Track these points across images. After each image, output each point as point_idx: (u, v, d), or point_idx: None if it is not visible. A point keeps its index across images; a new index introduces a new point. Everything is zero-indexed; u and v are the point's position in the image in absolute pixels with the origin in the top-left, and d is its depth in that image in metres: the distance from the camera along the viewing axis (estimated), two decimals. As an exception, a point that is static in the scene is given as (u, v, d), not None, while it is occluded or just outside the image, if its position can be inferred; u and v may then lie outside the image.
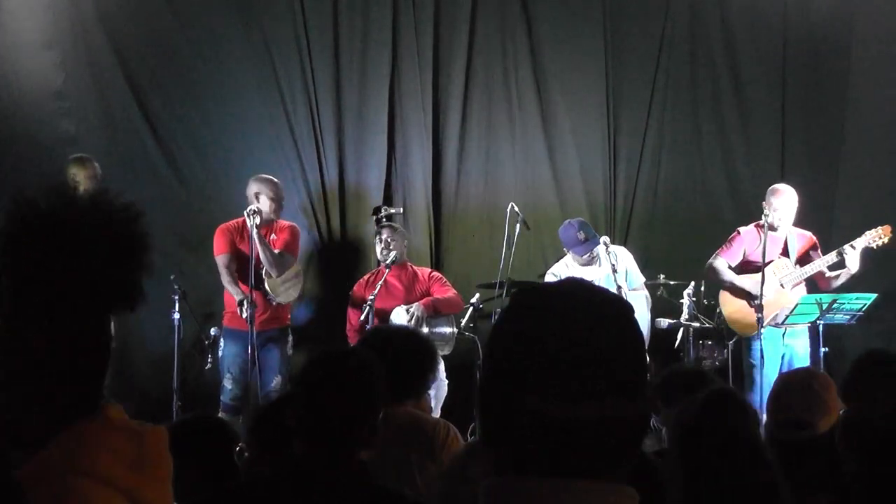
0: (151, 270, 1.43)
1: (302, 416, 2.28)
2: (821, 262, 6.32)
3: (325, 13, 7.64)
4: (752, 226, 6.54)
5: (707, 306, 6.97)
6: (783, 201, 6.37)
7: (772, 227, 6.34)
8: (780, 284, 6.39)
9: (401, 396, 3.34)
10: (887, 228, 6.23)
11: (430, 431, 3.29)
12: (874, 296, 6.15)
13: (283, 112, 7.59)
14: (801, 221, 6.60)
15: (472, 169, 7.94)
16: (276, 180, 6.60)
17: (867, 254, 6.30)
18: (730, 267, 6.55)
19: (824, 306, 6.08)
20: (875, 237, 6.22)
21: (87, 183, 6.22)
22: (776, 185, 6.54)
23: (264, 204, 6.38)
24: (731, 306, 6.55)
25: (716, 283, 6.67)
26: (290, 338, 6.52)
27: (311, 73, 7.60)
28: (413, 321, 6.44)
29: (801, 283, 6.42)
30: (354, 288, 6.79)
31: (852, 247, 6.21)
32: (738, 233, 6.57)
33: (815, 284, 6.46)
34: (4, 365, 1.34)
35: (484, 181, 7.94)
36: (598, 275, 6.54)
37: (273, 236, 6.46)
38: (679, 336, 6.90)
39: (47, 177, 6.69)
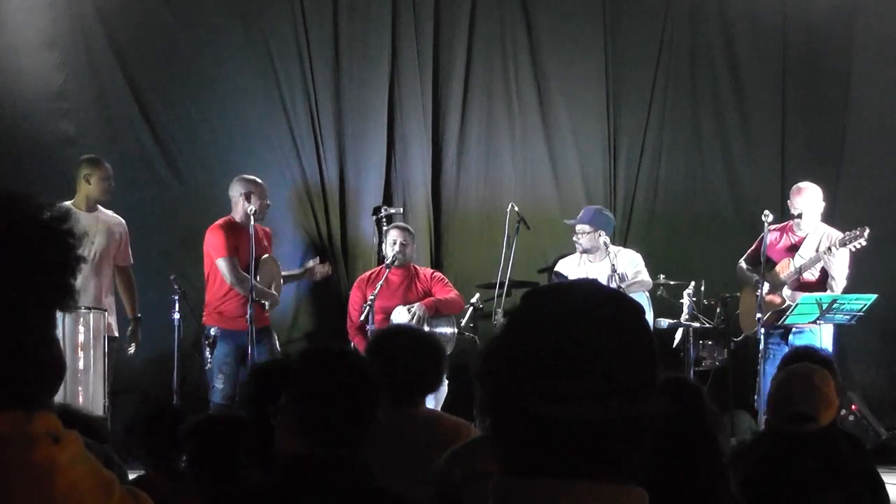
0: (74, 269, 1.38)
1: (301, 417, 2.28)
2: (801, 267, 6.32)
3: (325, 13, 7.64)
4: (780, 225, 6.58)
5: (707, 306, 6.98)
6: (805, 199, 6.39)
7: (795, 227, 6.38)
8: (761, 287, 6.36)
9: (415, 397, 3.35)
10: (865, 229, 6.18)
11: (453, 432, 3.28)
12: (874, 296, 6.15)
13: (283, 112, 7.59)
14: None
15: (472, 169, 7.94)
16: (262, 182, 6.55)
17: (853, 254, 6.28)
18: (751, 264, 6.59)
19: (824, 306, 6.08)
20: (851, 237, 6.18)
21: (100, 184, 6.22)
22: (799, 184, 6.57)
23: (255, 205, 6.33)
24: (743, 303, 6.66)
25: (741, 282, 6.77)
26: (276, 336, 6.56)
27: (311, 73, 7.60)
28: (414, 321, 6.44)
29: (796, 283, 6.39)
30: (355, 284, 6.80)
31: (830, 250, 6.20)
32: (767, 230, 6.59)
33: (821, 285, 6.43)
34: None
35: (484, 181, 7.94)
36: (601, 273, 6.55)
37: (265, 242, 6.49)
38: (679, 336, 6.89)
39: (47, 177, 6.72)
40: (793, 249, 6.48)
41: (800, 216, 6.39)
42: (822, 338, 6.29)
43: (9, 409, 1.31)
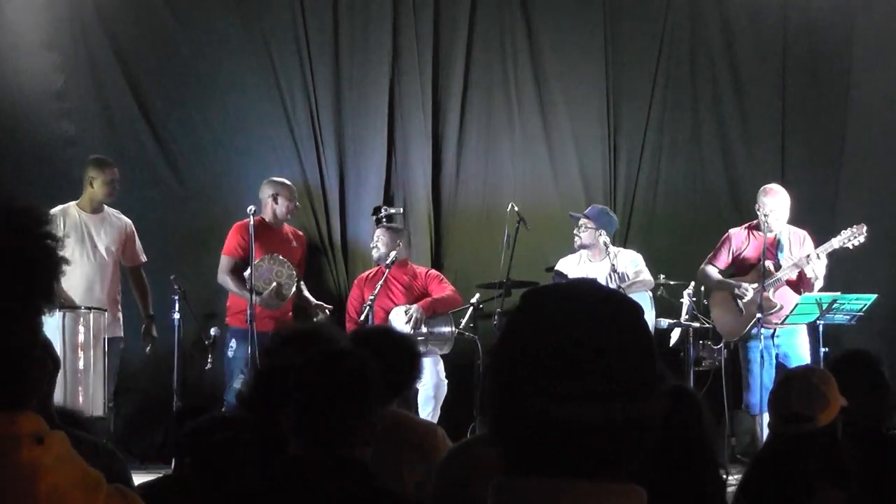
0: (55, 272, 1.39)
1: (301, 417, 2.28)
2: (791, 269, 6.32)
3: (325, 13, 7.64)
4: (742, 227, 6.56)
5: (707, 306, 6.97)
6: (775, 201, 6.39)
7: (757, 228, 6.38)
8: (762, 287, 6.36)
9: (386, 397, 3.34)
10: (862, 227, 6.19)
11: (421, 434, 3.28)
12: (874, 296, 6.15)
13: (283, 112, 7.60)
14: (801, 222, 6.60)
15: (472, 169, 7.94)
16: (290, 184, 6.64)
17: (853, 254, 6.28)
18: (721, 270, 6.58)
19: (824, 306, 6.08)
20: (850, 236, 6.19)
21: (104, 188, 6.23)
22: (767, 185, 6.57)
23: (282, 206, 6.42)
24: (717, 310, 6.60)
25: (707, 288, 6.72)
26: None
27: (311, 73, 7.60)
28: (412, 322, 6.46)
29: (782, 285, 6.40)
30: (354, 282, 6.85)
31: (818, 255, 6.20)
32: (728, 235, 6.60)
33: (799, 284, 6.43)
34: None
35: (484, 181, 7.94)
36: (600, 273, 6.56)
37: (294, 244, 6.54)
38: (678, 336, 6.89)
39: (47, 177, 6.72)
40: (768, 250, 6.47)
41: (773, 218, 6.38)
42: (799, 337, 6.32)
43: None
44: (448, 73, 7.87)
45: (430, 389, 6.49)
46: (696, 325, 6.82)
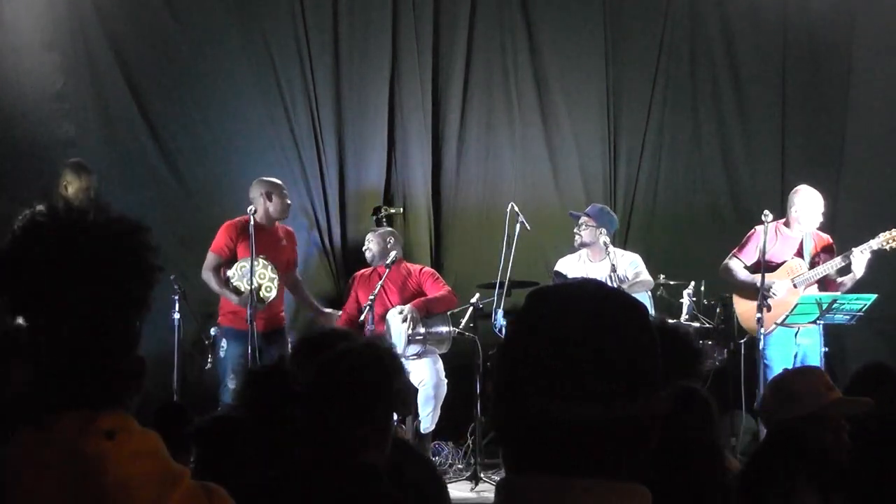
0: (151, 280, 1.44)
1: (301, 418, 2.28)
2: (828, 266, 6.33)
3: (325, 13, 7.65)
4: (770, 224, 6.55)
5: (707, 306, 6.97)
6: (803, 201, 6.41)
7: (786, 225, 6.39)
8: (792, 285, 6.38)
9: None
10: None
11: None
12: (874, 296, 6.14)
13: (283, 112, 7.59)
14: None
15: (472, 169, 7.94)
16: (280, 182, 6.66)
17: (872, 256, 6.29)
18: (745, 266, 6.57)
19: (824, 306, 6.08)
20: (889, 239, 6.21)
21: (78, 195, 6.11)
22: (799, 186, 6.59)
23: (276, 204, 6.40)
24: (743, 305, 6.59)
25: (729, 283, 6.69)
26: (289, 340, 6.55)
27: (311, 73, 7.61)
28: (409, 323, 6.47)
29: (813, 284, 6.41)
30: (351, 279, 6.92)
31: (861, 252, 6.19)
32: (755, 231, 6.58)
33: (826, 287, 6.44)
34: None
35: (484, 181, 7.94)
36: (600, 273, 6.56)
37: (285, 242, 6.54)
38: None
39: (47, 178, 6.70)
40: (793, 250, 6.47)
41: (799, 218, 6.40)
42: (818, 337, 6.30)
43: (77, 408, 1.38)
44: (448, 73, 7.88)
45: (430, 389, 6.49)
46: (696, 325, 6.81)
